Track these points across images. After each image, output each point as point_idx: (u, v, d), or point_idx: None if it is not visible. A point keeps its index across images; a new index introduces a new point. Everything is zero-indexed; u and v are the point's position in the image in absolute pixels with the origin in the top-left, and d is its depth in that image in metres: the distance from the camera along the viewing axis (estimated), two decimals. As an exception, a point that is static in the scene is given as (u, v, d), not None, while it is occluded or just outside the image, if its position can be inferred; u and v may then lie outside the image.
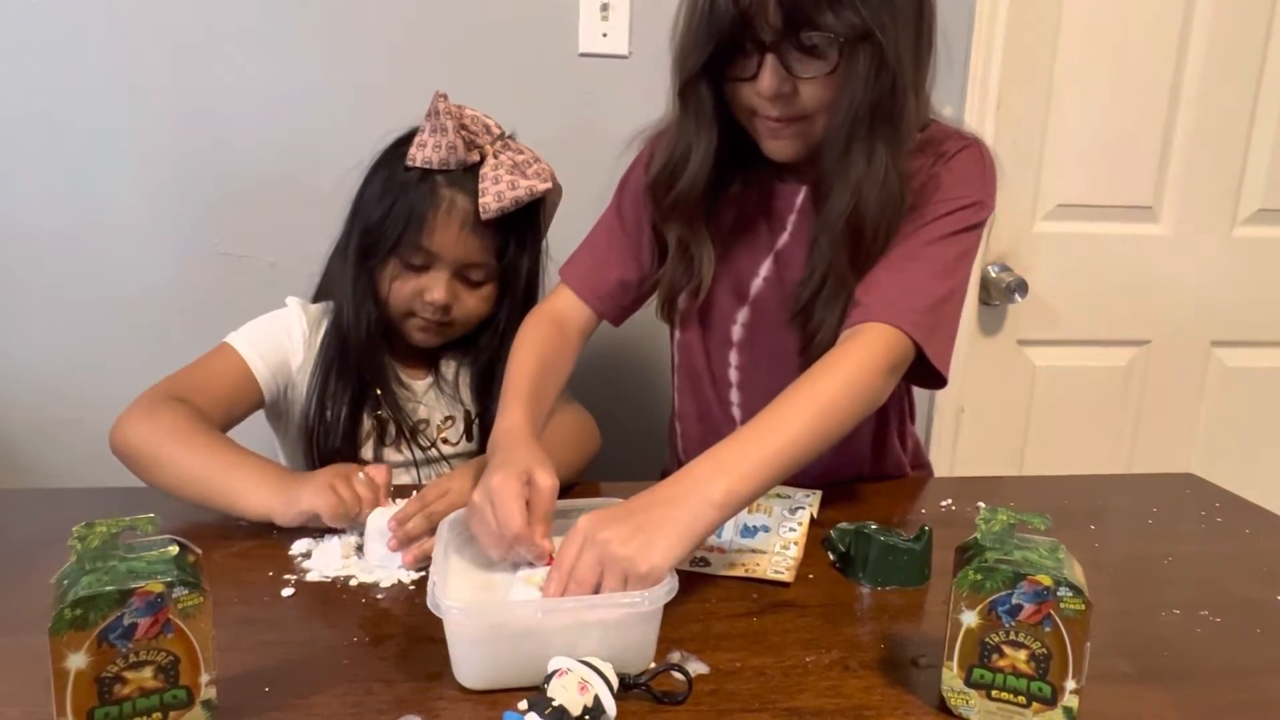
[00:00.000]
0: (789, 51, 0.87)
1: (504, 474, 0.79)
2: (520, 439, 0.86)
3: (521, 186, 1.07)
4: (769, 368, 1.03)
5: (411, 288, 1.11)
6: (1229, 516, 1.08)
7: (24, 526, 0.95)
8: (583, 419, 1.15)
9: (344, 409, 1.12)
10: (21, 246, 1.44)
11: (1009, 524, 0.67)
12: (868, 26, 0.83)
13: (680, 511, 0.74)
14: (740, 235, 1.04)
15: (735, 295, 1.06)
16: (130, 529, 0.60)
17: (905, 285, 0.91)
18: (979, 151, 0.98)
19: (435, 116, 1.07)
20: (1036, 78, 1.61)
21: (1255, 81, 1.65)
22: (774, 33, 0.86)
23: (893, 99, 0.87)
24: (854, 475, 1.14)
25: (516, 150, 1.11)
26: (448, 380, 1.19)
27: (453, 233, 1.08)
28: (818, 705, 0.67)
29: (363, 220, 1.12)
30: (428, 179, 1.08)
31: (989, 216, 0.98)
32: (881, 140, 0.89)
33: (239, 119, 1.44)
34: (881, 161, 0.89)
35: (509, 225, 1.11)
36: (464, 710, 0.65)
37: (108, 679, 0.57)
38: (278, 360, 1.12)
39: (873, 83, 0.86)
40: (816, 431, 0.81)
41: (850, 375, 0.85)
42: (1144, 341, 1.76)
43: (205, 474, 0.95)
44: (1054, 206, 1.67)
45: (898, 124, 0.88)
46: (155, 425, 0.97)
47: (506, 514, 0.77)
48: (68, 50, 1.39)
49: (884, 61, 0.85)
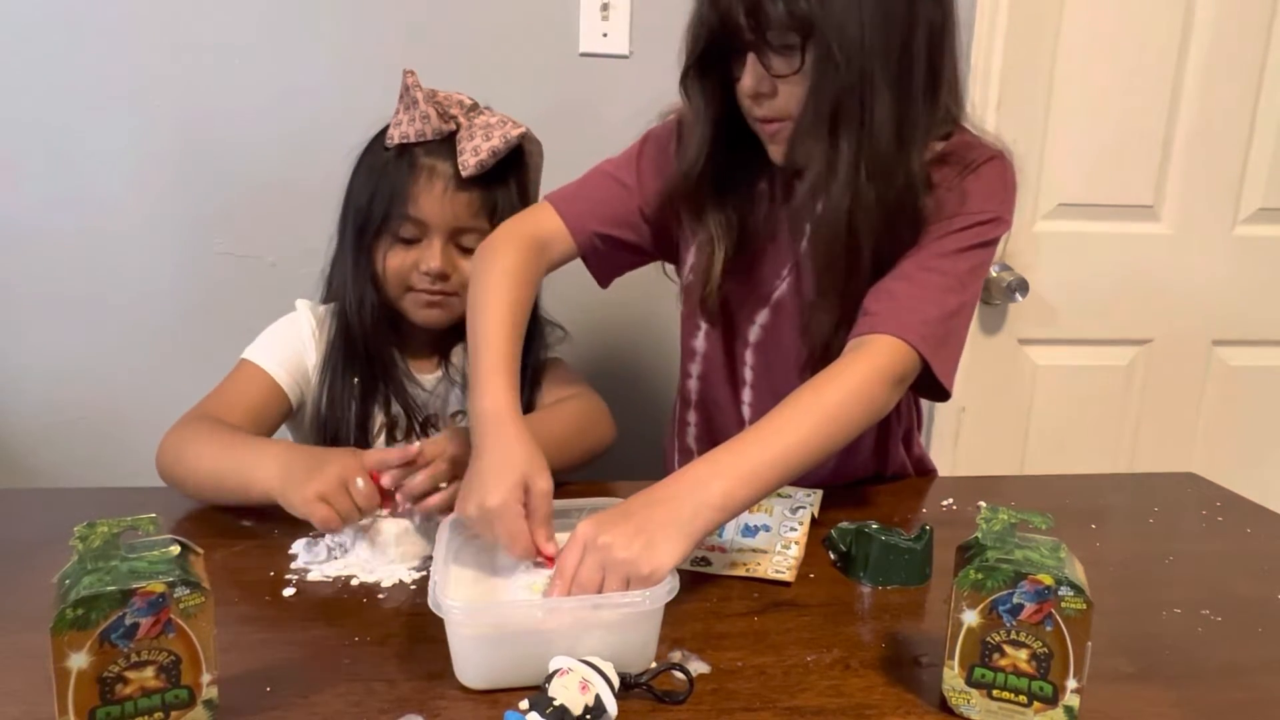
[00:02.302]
0: (765, 51, 0.87)
1: (500, 492, 0.77)
2: (506, 429, 0.83)
3: (495, 136, 1.08)
4: (783, 371, 1.03)
5: (407, 260, 1.11)
6: (1230, 515, 1.08)
7: (24, 526, 0.95)
8: (592, 409, 1.13)
9: (354, 402, 1.13)
10: (22, 247, 1.44)
11: (1010, 523, 0.67)
12: (814, 18, 0.82)
13: (679, 512, 0.74)
14: (768, 238, 1.03)
15: (758, 296, 1.05)
16: (132, 529, 0.60)
17: (916, 297, 0.90)
18: (1003, 166, 0.97)
19: (405, 94, 1.09)
20: (1036, 77, 1.60)
21: (1256, 80, 1.65)
22: (747, 33, 0.86)
23: (857, 100, 0.85)
24: (857, 480, 1.14)
25: (490, 114, 1.13)
26: (458, 368, 1.18)
27: (436, 197, 1.09)
28: (819, 704, 0.67)
29: (353, 206, 1.13)
30: (407, 153, 1.10)
31: (1005, 232, 0.97)
32: (845, 142, 0.86)
33: (239, 119, 1.44)
34: (847, 163, 0.86)
35: (495, 184, 1.11)
36: (465, 709, 0.65)
37: (109, 678, 0.57)
38: (296, 364, 1.13)
39: (830, 79, 0.84)
40: (818, 439, 0.81)
41: (855, 385, 0.85)
42: (1145, 341, 1.75)
43: (225, 470, 0.95)
44: (1055, 206, 1.67)
45: (866, 128, 0.85)
46: (180, 436, 1.01)
47: (510, 537, 0.77)
48: (68, 51, 1.39)
49: (834, 55, 0.83)
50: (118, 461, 1.04)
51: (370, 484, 0.88)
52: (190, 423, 1.03)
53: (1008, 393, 1.74)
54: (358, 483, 0.87)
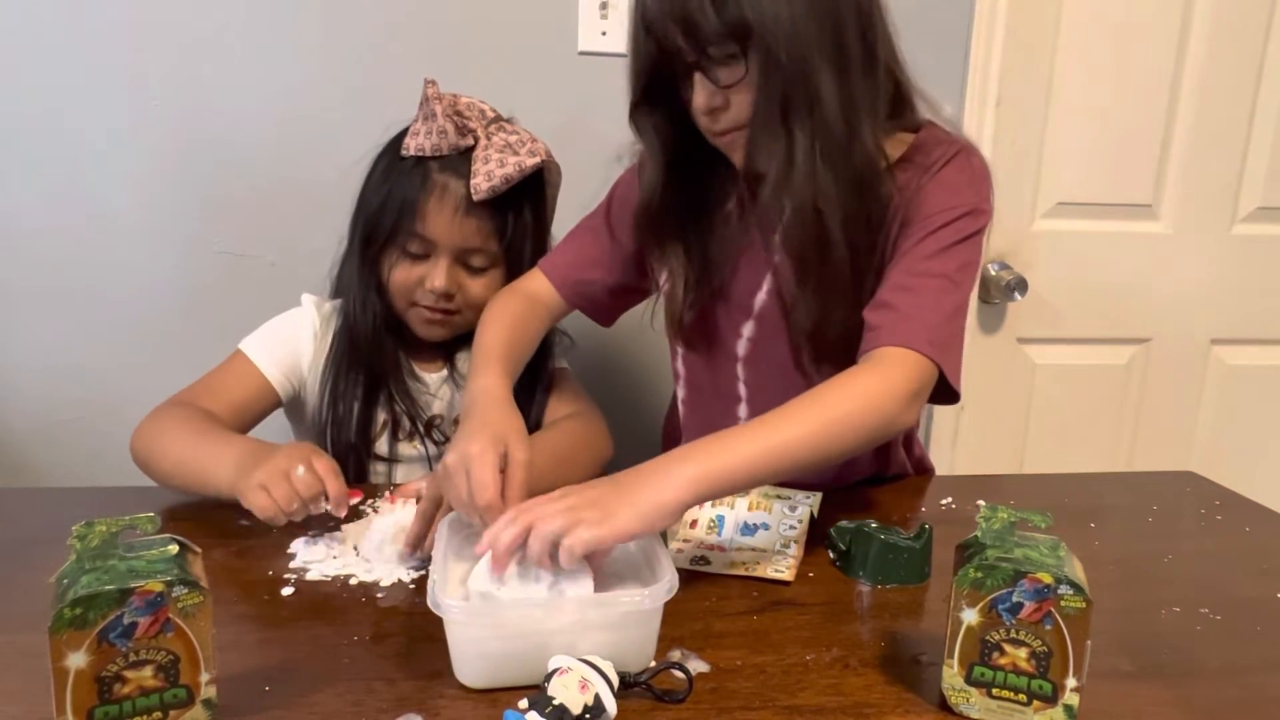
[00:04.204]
0: (708, 66, 0.87)
1: (481, 442, 0.80)
2: (496, 402, 0.87)
3: (510, 164, 1.07)
4: (779, 380, 1.02)
5: (412, 276, 1.10)
6: (1229, 514, 1.08)
7: (24, 526, 0.95)
8: (592, 427, 1.13)
9: (356, 404, 1.12)
10: (21, 246, 1.44)
11: (1009, 522, 0.67)
12: (748, 20, 0.83)
13: (650, 480, 0.75)
14: (741, 251, 1.04)
15: (740, 310, 1.05)
16: (130, 528, 0.60)
17: (915, 305, 0.90)
18: (965, 159, 0.96)
19: (425, 104, 1.08)
20: (1036, 76, 1.60)
21: (1255, 79, 1.65)
22: (688, 53, 0.87)
23: (802, 90, 0.85)
24: (857, 482, 1.13)
25: (510, 131, 1.11)
26: (462, 374, 1.18)
27: (447, 218, 1.08)
28: (818, 703, 0.67)
29: (364, 210, 1.13)
30: (421, 165, 1.09)
31: (987, 222, 0.96)
32: (799, 132, 0.86)
33: (239, 119, 1.44)
34: (803, 152, 0.87)
35: (507, 208, 1.10)
36: (465, 709, 0.65)
37: (108, 678, 0.57)
38: (289, 361, 1.13)
39: (774, 75, 0.85)
40: (815, 442, 0.81)
41: (860, 393, 0.84)
42: (1144, 339, 1.76)
43: (186, 460, 0.97)
44: (1054, 204, 1.67)
45: (815, 113, 0.86)
46: (154, 425, 1.01)
47: (480, 482, 0.78)
48: (67, 50, 1.39)
49: (775, 53, 0.84)
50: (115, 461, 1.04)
51: (310, 472, 0.86)
52: (169, 408, 1.03)
53: (1007, 392, 1.74)
54: (298, 470, 0.86)
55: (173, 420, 1.01)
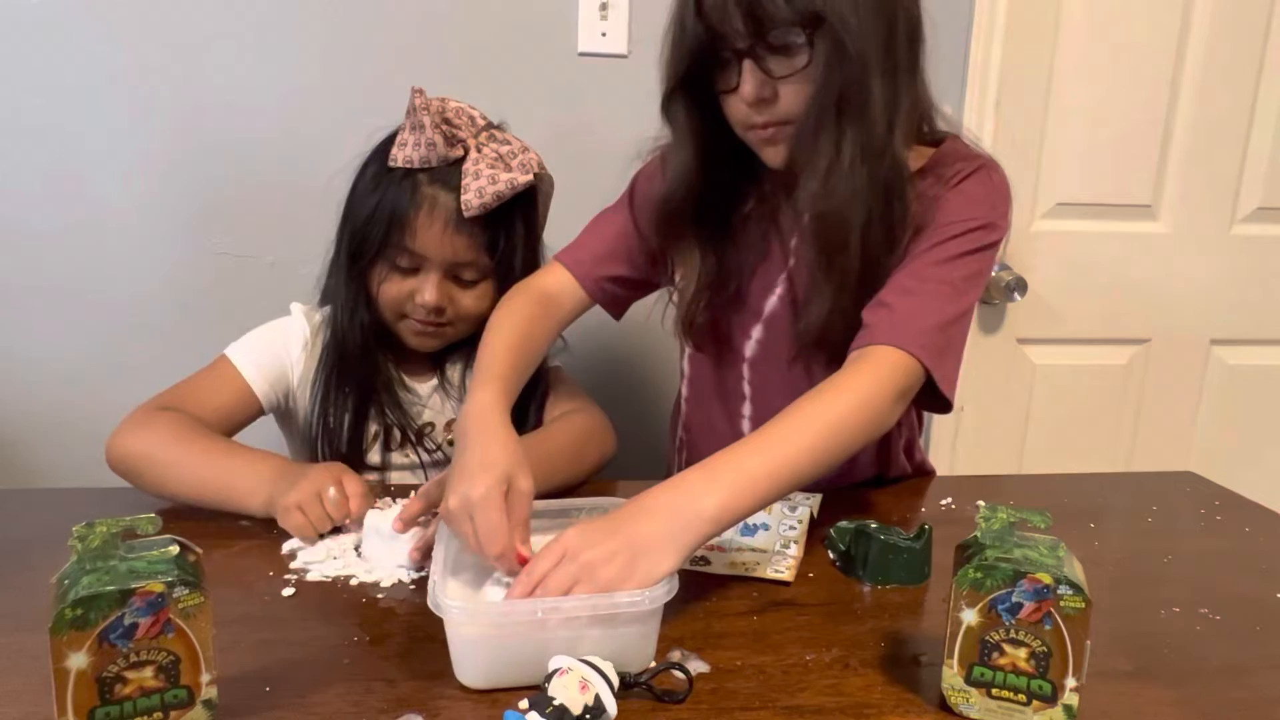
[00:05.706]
0: (764, 55, 0.86)
1: (484, 484, 0.76)
2: (492, 429, 0.83)
3: (502, 181, 1.05)
4: (783, 384, 1.02)
5: (403, 290, 1.09)
6: (1228, 514, 1.08)
7: (24, 526, 0.95)
8: (593, 423, 1.12)
9: (347, 414, 1.12)
10: (20, 246, 1.44)
11: (1009, 522, 0.67)
12: (821, 10, 0.82)
13: (669, 524, 0.73)
14: (756, 254, 1.03)
15: (751, 314, 1.05)
16: (131, 529, 0.60)
17: (913, 308, 0.89)
18: (986, 174, 0.96)
19: (413, 114, 1.05)
20: (1036, 77, 1.61)
21: (1254, 79, 1.65)
22: (744, 38, 0.86)
23: (859, 87, 0.85)
24: (855, 485, 1.13)
25: (502, 141, 1.09)
26: (452, 383, 1.18)
27: (437, 233, 1.06)
28: (818, 703, 0.67)
29: (351, 222, 1.11)
30: (410, 178, 1.06)
31: (1001, 238, 0.96)
32: (850, 129, 0.86)
33: (238, 119, 1.44)
34: (850, 150, 0.86)
35: (498, 221, 1.08)
36: (465, 709, 0.65)
37: (108, 679, 0.57)
38: (276, 371, 1.12)
39: (837, 69, 0.84)
40: (818, 451, 0.80)
41: (859, 396, 0.84)
42: (1143, 340, 1.76)
43: (206, 478, 0.96)
44: (1053, 205, 1.67)
45: (865, 113, 0.86)
46: (152, 434, 0.99)
47: (488, 532, 0.75)
48: (66, 50, 1.39)
49: (844, 47, 0.83)
50: (117, 461, 1.05)
51: (340, 492, 0.91)
52: (158, 416, 1.01)
53: (1006, 392, 1.74)
54: (329, 492, 0.90)
55: (171, 431, 0.99)
